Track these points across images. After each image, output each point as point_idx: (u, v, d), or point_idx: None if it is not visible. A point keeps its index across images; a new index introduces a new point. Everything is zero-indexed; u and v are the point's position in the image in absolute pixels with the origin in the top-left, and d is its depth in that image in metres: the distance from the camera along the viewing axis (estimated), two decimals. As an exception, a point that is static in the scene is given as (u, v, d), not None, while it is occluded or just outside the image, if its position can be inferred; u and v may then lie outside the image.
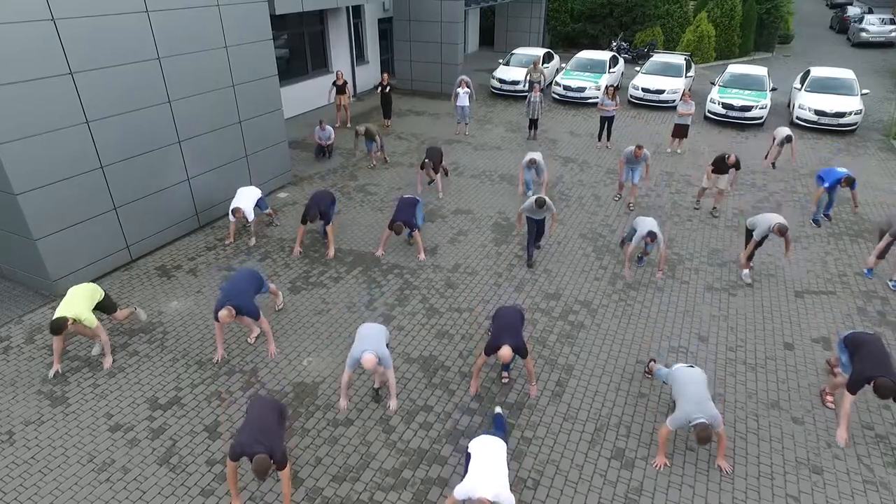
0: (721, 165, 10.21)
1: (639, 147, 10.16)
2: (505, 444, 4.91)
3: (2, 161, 6.91)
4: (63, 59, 7.29)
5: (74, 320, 6.16)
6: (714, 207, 10.75)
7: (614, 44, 24.74)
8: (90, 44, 7.55)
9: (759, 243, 8.36)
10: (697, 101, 17.30)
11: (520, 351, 5.91)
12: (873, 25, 26.18)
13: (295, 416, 6.07)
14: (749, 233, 8.70)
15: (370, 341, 5.74)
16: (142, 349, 7.04)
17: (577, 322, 7.69)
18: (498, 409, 5.98)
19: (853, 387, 5.49)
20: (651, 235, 8.07)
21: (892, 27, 25.92)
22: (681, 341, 7.32)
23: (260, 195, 9.43)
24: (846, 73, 16.32)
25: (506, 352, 5.77)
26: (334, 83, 15.44)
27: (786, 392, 6.48)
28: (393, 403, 6.06)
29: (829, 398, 6.29)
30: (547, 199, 8.43)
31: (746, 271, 8.56)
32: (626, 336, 7.42)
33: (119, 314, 7.06)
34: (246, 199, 9.14)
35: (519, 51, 20.15)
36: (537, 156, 10.61)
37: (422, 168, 10.86)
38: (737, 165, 10.11)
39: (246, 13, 9.85)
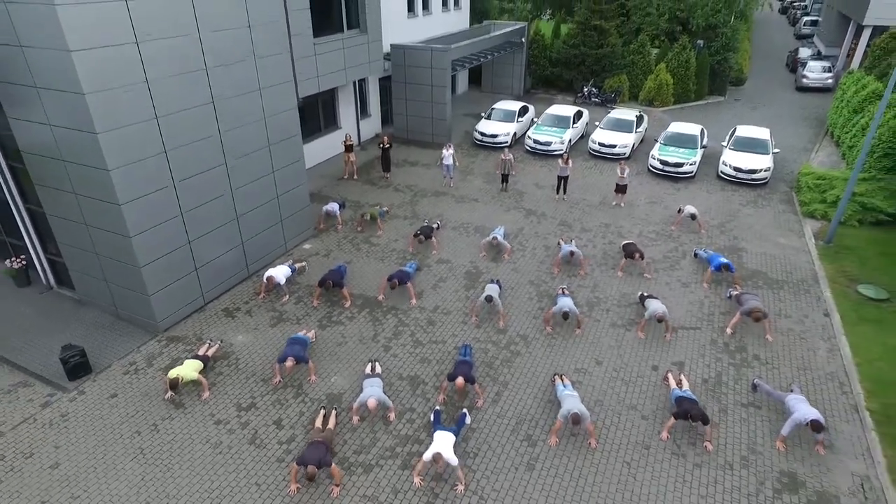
0: (629, 253, 13.49)
1: (571, 253, 13.34)
2: (454, 437, 8.52)
3: (125, 216, 10.50)
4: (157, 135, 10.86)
5: (182, 378, 9.67)
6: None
7: (586, 88, 28.35)
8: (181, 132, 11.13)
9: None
10: (647, 149, 20.95)
11: (470, 380, 9.55)
12: (812, 73, 29.59)
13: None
14: (641, 300, 12.24)
15: (373, 391, 9.29)
16: (224, 371, 10.64)
17: (516, 350, 11.27)
18: (464, 410, 9.54)
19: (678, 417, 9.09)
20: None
21: (829, 75, 29.31)
22: (583, 364, 10.90)
23: (290, 273, 12.90)
24: (763, 134, 19.89)
25: (460, 381, 9.38)
26: (343, 143, 19.05)
27: (643, 399, 10.06)
28: (392, 415, 9.59)
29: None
30: (495, 296, 11.60)
31: (641, 336, 11.62)
32: (547, 361, 11.00)
33: (209, 354, 10.61)
34: (279, 271, 12.60)
35: (499, 105, 23.74)
36: (499, 234, 14.16)
37: (414, 237, 14.47)
38: (642, 257, 13.38)
39: (280, 93, 13.24)
